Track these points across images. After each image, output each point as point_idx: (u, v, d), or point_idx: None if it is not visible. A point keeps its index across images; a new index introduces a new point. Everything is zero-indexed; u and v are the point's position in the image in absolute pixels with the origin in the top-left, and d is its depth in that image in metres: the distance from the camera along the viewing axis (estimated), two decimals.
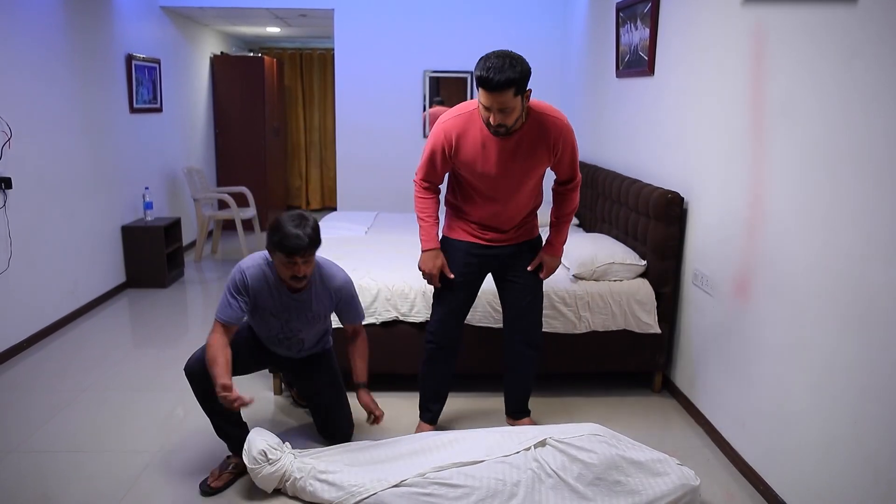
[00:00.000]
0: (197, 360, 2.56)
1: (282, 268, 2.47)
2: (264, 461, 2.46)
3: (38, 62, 4.12)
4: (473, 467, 2.44)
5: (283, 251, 2.40)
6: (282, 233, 2.38)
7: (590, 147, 5.21)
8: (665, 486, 2.41)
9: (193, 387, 2.57)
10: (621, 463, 2.44)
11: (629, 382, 3.60)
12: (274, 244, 2.41)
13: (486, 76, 2.32)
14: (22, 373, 3.66)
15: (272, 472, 2.47)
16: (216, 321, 2.54)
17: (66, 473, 2.68)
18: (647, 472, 2.44)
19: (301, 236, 2.38)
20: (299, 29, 7.73)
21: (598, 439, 2.51)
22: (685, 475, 2.44)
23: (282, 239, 2.37)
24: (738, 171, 2.78)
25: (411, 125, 6.44)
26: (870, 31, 2.00)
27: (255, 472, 2.48)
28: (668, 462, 2.48)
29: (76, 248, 4.59)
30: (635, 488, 2.40)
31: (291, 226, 2.39)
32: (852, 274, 2.07)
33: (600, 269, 3.41)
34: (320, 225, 2.56)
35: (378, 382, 3.42)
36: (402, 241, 4.29)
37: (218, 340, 2.49)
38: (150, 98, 5.80)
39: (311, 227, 2.43)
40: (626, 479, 2.42)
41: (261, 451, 2.46)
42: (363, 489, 2.40)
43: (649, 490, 2.40)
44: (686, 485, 2.42)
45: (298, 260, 2.42)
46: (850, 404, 2.09)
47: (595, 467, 2.42)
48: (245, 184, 7.22)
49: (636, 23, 4.01)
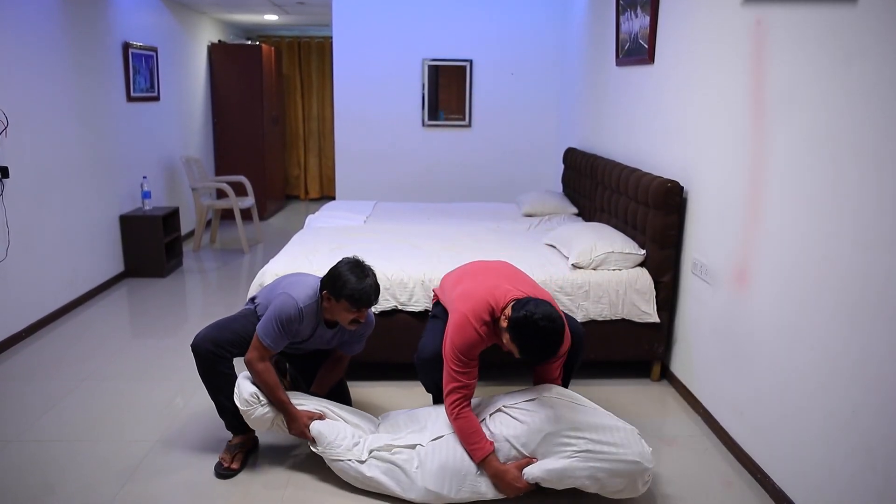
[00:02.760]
0: (205, 338, 2.58)
1: (343, 314, 2.52)
2: (256, 402, 2.53)
3: (34, 50, 4.09)
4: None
5: (353, 303, 2.47)
6: (352, 286, 2.45)
7: (589, 136, 5.20)
8: (618, 456, 2.29)
9: (199, 364, 2.59)
10: (578, 425, 2.35)
11: (628, 371, 3.60)
12: (345, 296, 2.46)
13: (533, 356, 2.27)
14: (21, 363, 3.66)
15: (265, 412, 2.54)
16: (262, 344, 2.52)
17: (65, 463, 2.68)
18: (603, 436, 2.32)
19: (372, 291, 2.49)
20: (297, 17, 7.68)
21: (556, 402, 2.44)
22: (643, 454, 2.32)
23: (354, 292, 2.45)
24: (738, 160, 2.77)
25: (410, 114, 6.42)
26: (870, 21, 1.99)
27: (248, 413, 2.54)
28: (631, 434, 2.37)
29: (74, 238, 4.58)
30: (587, 449, 2.30)
31: (359, 275, 2.48)
32: (852, 263, 2.07)
33: (599, 258, 3.41)
34: (317, 214, 2.57)
35: (376, 371, 3.43)
36: (400, 231, 4.29)
37: (272, 371, 2.54)
38: (148, 86, 5.76)
39: (374, 277, 2.54)
40: (577, 442, 2.32)
41: (252, 393, 2.54)
42: (337, 451, 2.48)
43: (600, 456, 2.29)
44: (639, 463, 2.30)
45: (364, 310, 2.52)
46: (848, 393, 2.09)
47: (545, 429, 2.35)
48: (243, 173, 7.20)
49: (636, 10, 3.98)
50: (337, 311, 2.53)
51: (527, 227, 4.66)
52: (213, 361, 2.56)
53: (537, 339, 2.20)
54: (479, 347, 2.42)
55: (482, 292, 2.45)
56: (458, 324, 2.41)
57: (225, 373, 2.60)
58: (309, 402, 2.65)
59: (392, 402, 3.14)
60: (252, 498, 2.48)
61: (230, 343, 2.59)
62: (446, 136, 6.49)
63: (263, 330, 2.52)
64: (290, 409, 2.55)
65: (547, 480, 2.34)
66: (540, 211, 4.99)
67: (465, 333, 2.38)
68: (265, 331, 2.52)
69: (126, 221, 5.25)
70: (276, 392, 2.54)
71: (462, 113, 6.43)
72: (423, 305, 3.32)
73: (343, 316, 2.53)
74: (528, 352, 2.24)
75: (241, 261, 5.93)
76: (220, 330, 2.62)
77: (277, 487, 2.54)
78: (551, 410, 2.40)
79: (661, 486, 2.60)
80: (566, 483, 2.34)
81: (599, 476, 2.31)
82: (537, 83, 6.37)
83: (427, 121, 6.43)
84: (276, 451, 2.79)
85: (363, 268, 2.53)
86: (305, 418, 2.56)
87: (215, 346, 2.56)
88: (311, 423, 2.55)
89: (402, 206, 5.46)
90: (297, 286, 2.60)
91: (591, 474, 2.31)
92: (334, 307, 2.53)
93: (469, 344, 2.38)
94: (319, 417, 2.58)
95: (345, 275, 2.47)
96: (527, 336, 2.21)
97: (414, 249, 3.77)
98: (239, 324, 2.65)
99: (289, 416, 2.56)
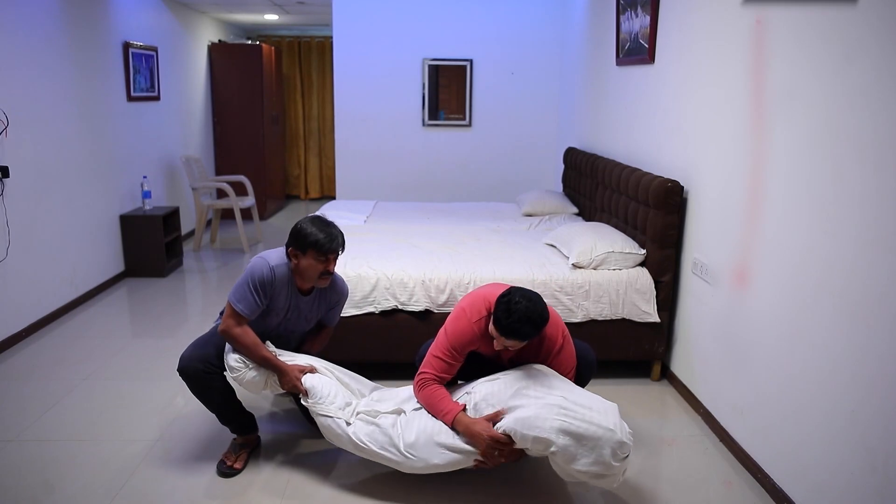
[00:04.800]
0: (190, 357, 2.54)
1: (312, 267, 2.52)
2: (244, 367, 2.51)
3: (34, 50, 4.09)
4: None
5: (319, 250, 2.48)
6: (315, 234, 2.48)
7: (589, 135, 5.19)
8: (591, 419, 2.21)
9: (190, 385, 2.56)
10: (554, 385, 2.33)
11: (628, 371, 3.60)
12: (309, 244, 2.47)
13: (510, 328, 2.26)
14: (21, 362, 3.66)
15: (255, 375, 2.53)
16: (235, 311, 2.48)
17: (65, 462, 2.68)
18: (579, 399, 2.29)
19: (336, 235, 2.52)
20: (297, 16, 7.68)
21: (537, 369, 2.42)
22: (620, 427, 2.23)
23: (318, 239, 2.47)
24: (739, 160, 2.77)
25: (410, 114, 6.42)
26: (870, 21, 1.99)
27: (239, 378, 2.52)
28: (611, 408, 2.29)
29: (75, 237, 4.58)
30: (559, 404, 2.25)
31: (321, 226, 2.51)
32: (852, 262, 2.07)
33: (599, 257, 3.41)
34: (318, 214, 2.58)
35: (376, 371, 3.42)
36: (400, 230, 4.29)
37: (249, 332, 2.50)
38: (148, 86, 5.76)
39: (337, 227, 2.57)
40: (549, 396, 2.28)
41: (237, 358, 2.52)
42: (329, 408, 2.48)
43: (571, 413, 2.23)
44: (612, 431, 2.20)
45: (332, 258, 2.53)
46: (848, 393, 2.09)
47: (519, 384, 2.34)
48: (243, 173, 7.20)
49: (636, 10, 3.98)
50: (305, 267, 2.52)
51: (527, 226, 4.66)
52: (204, 379, 2.53)
53: (513, 315, 2.23)
54: (470, 344, 2.43)
55: (483, 292, 2.50)
56: (455, 316, 2.47)
57: (218, 387, 2.57)
58: (299, 358, 2.63)
59: None
60: (251, 498, 2.48)
61: (217, 357, 2.56)
62: (446, 136, 6.49)
63: (235, 295, 2.49)
64: (278, 363, 2.53)
65: (516, 432, 2.26)
66: (540, 210, 4.99)
67: (460, 324, 2.42)
68: (237, 295, 2.49)
69: (126, 221, 5.25)
70: (258, 350, 2.50)
71: (462, 112, 6.43)
72: (423, 305, 3.32)
73: (312, 269, 2.52)
74: (504, 329, 2.25)
75: (241, 260, 5.93)
76: (203, 347, 2.58)
77: (277, 488, 2.54)
78: (529, 372, 2.40)
79: (661, 486, 2.61)
80: (534, 434, 2.23)
81: (570, 431, 2.20)
82: (538, 83, 6.37)
83: (427, 120, 6.43)
84: (277, 451, 2.79)
85: (324, 220, 2.56)
86: (296, 371, 2.54)
87: (203, 364, 2.53)
88: (304, 377, 2.53)
89: (403, 205, 5.46)
90: (267, 253, 2.60)
91: (561, 427, 2.20)
92: (302, 263, 2.51)
93: (461, 334, 2.41)
94: (311, 371, 2.56)
95: (307, 227, 2.50)
96: (501, 310, 2.25)
97: (414, 249, 3.77)
98: (219, 337, 2.59)
99: (278, 370, 2.53)
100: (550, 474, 2.61)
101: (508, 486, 2.58)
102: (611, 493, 2.55)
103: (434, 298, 3.33)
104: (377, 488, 2.54)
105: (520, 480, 2.63)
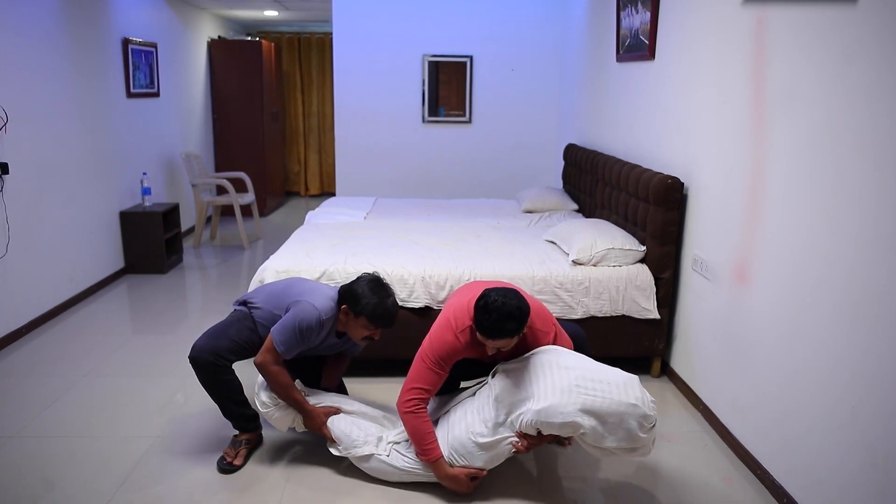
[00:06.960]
0: (202, 348, 2.55)
1: (359, 329, 2.54)
2: (273, 405, 2.59)
3: (33, 46, 4.08)
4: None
5: (374, 321, 2.49)
6: (373, 305, 2.47)
7: (589, 132, 5.19)
8: (611, 394, 2.22)
9: (199, 375, 2.57)
10: (569, 365, 2.32)
11: (628, 367, 3.53)
12: (365, 313, 2.48)
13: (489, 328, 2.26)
14: (21, 359, 3.67)
15: (283, 414, 2.60)
16: (276, 349, 2.48)
17: (66, 458, 2.68)
18: (596, 374, 2.29)
19: (393, 312, 2.52)
20: (297, 13, 7.67)
21: (547, 350, 2.42)
22: (643, 399, 2.24)
23: (376, 311, 2.47)
24: (739, 157, 2.76)
25: (410, 110, 6.41)
26: (870, 21, 1.98)
27: (268, 414, 2.60)
28: (630, 379, 2.30)
29: (74, 234, 4.58)
30: (577, 384, 2.25)
31: (381, 294, 2.50)
32: (853, 260, 2.06)
33: (599, 254, 3.41)
34: (317, 210, 2.57)
35: (377, 367, 3.43)
36: (400, 227, 4.28)
37: (284, 373, 2.53)
38: (148, 83, 5.76)
39: (395, 297, 2.56)
40: (566, 375, 2.28)
41: (269, 395, 2.59)
42: (363, 449, 2.52)
43: (592, 392, 2.23)
44: (636, 406, 2.21)
45: (381, 328, 2.55)
46: (848, 390, 2.09)
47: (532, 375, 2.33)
48: (243, 169, 7.20)
49: (637, 6, 3.97)
50: (353, 326, 2.55)
51: (527, 223, 4.66)
52: (215, 371, 2.55)
53: (493, 314, 2.23)
54: (455, 355, 2.42)
55: (469, 298, 2.44)
56: (440, 325, 2.45)
57: (226, 379, 2.59)
58: (326, 398, 2.69)
59: (393, 398, 3.13)
60: (251, 495, 2.48)
61: (229, 350, 2.57)
62: (446, 133, 6.48)
63: (280, 336, 2.48)
64: (307, 408, 2.58)
65: (541, 423, 2.26)
66: (540, 207, 4.98)
67: (445, 337, 2.40)
68: (282, 336, 2.48)
69: (126, 218, 5.25)
70: (290, 392, 2.55)
71: (462, 109, 6.42)
72: (423, 301, 3.32)
73: (358, 332, 2.56)
74: (487, 330, 2.25)
75: (241, 257, 5.93)
76: (216, 338, 2.59)
77: (277, 485, 2.54)
78: (541, 357, 2.38)
79: (661, 482, 2.61)
80: (560, 421, 2.22)
81: (593, 409, 2.20)
82: (538, 79, 6.37)
83: (427, 117, 6.42)
84: (277, 449, 2.80)
85: (384, 286, 2.55)
86: (322, 415, 2.59)
87: (214, 355, 2.53)
88: (331, 422, 2.58)
89: (403, 202, 5.46)
90: (315, 295, 2.57)
91: (583, 407, 2.20)
92: (351, 322, 2.54)
93: (444, 347, 2.40)
94: (335, 412, 2.61)
95: (366, 293, 2.49)
96: (481, 313, 2.26)
97: (414, 246, 3.76)
98: (234, 329, 2.62)
99: (305, 413, 2.59)
100: (550, 474, 2.61)
101: (508, 484, 2.59)
102: (611, 489, 2.56)
103: (434, 295, 3.33)
104: (377, 487, 2.54)
105: (520, 479, 2.63)
